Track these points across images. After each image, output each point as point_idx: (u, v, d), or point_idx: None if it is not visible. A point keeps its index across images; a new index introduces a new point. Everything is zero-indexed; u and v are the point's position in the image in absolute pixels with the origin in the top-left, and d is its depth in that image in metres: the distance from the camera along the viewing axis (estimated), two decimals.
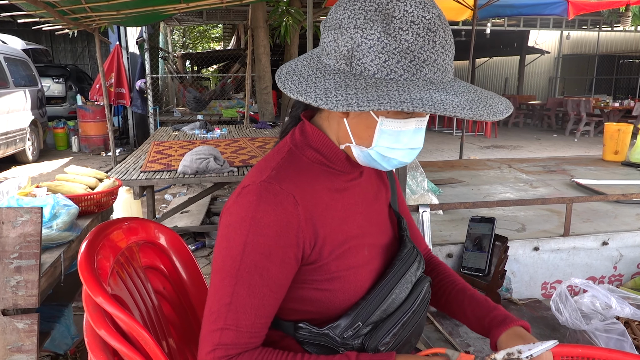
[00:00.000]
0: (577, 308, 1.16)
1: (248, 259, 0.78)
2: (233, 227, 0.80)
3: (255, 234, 0.78)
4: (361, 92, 0.72)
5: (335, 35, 0.77)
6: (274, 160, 0.85)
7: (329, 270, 0.84)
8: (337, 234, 0.85)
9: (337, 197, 0.88)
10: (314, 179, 0.86)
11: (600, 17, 11.28)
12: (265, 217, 0.78)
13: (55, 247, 2.03)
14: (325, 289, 0.85)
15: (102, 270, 0.91)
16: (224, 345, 0.78)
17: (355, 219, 0.90)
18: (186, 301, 1.24)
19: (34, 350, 1.58)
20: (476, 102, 0.75)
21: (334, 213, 0.86)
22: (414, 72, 0.74)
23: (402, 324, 0.88)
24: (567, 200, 1.49)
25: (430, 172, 2.43)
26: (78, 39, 15.85)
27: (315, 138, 0.87)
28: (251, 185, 0.81)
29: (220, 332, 0.78)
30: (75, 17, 4.76)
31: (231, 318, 0.78)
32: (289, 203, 0.79)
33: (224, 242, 0.81)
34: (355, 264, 0.87)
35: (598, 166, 2.78)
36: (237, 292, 0.78)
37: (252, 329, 0.80)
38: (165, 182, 3.55)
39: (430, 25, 0.74)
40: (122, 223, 1.07)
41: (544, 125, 13.11)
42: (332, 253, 0.84)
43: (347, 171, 0.90)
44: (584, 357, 0.98)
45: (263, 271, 0.79)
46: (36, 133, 8.15)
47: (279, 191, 0.79)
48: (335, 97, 0.73)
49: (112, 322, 0.83)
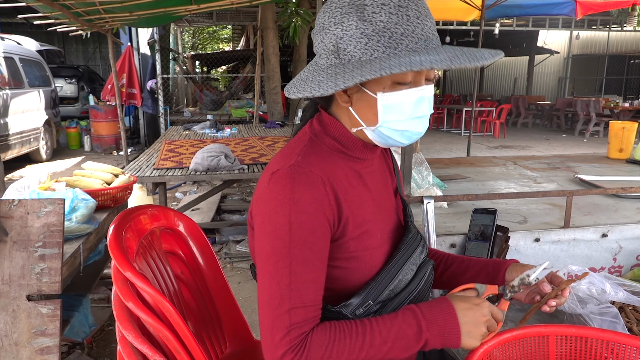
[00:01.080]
0: (574, 293, 1.22)
1: (296, 237, 0.82)
2: (274, 211, 0.83)
3: (297, 212, 0.82)
4: (348, 74, 0.80)
5: (322, 37, 0.87)
6: (297, 148, 0.92)
7: (348, 249, 0.91)
8: (356, 216, 0.92)
9: (355, 183, 0.95)
10: (334, 164, 0.92)
11: (609, 17, 11.24)
12: (302, 196, 0.83)
13: (74, 239, 2.12)
14: (344, 267, 0.91)
15: (129, 249, 0.98)
16: (297, 324, 0.81)
17: (369, 205, 0.96)
18: (203, 286, 1.31)
19: (57, 334, 1.66)
20: (459, 56, 0.80)
21: (353, 197, 0.93)
22: (395, 46, 0.82)
23: (408, 302, 0.95)
24: (568, 193, 1.54)
25: (436, 169, 2.49)
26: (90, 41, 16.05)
27: (332, 127, 0.94)
28: (281, 170, 0.86)
29: (289, 314, 0.81)
30: (89, 18, 4.87)
31: (295, 297, 0.81)
32: (319, 184, 0.85)
33: (268, 226, 0.84)
34: (370, 245, 0.93)
35: (602, 163, 2.82)
36: (294, 270, 0.82)
37: (315, 302, 0.84)
38: (178, 179, 3.64)
39: (400, 2, 0.82)
40: (145, 209, 1.15)
41: (553, 126, 13.07)
42: (352, 233, 0.91)
43: (362, 158, 0.97)
44: (578, 336, 1.04)
45: (312, 245, 0.83)
46: (50, 132, 8.30)
47: (309, 173, 0.85)
48: (326, 84, 0.81)
49: (138, 296, 0.91)
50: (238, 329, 1.34)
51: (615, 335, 1.02)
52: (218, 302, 1.32)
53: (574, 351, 1.04)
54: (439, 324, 0.86)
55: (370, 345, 0.83)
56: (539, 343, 1.04)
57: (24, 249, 1.68)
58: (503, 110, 11.02)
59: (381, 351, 0.83)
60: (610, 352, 1.03)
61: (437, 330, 0.85)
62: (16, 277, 1.66)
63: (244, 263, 3.82)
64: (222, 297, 1.32)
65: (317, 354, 0.81)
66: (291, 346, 0.80)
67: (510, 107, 11.83)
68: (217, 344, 1.32)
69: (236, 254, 3.94)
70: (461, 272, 1.10)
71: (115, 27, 5.97)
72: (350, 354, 0.82)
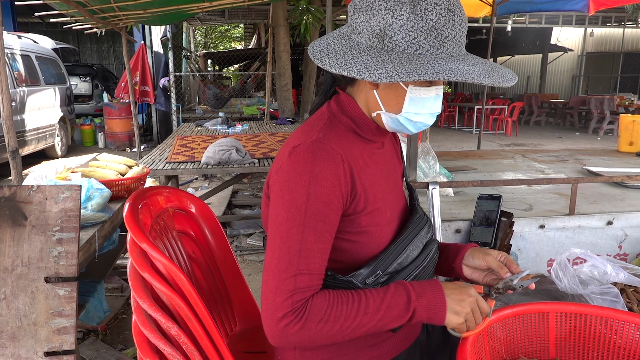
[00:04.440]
0: (576, 275, 1.24)
1: (312, 208, 0.86)
2: (294, 181, 0.87)
3: (316, 185, 0.87)
4: (398, 66, 0.83)
5: (368, 16, 0.87)
6: (317, 125, 0.96)
7: (359, 224, 0.95)
8: (368, 194, 0.96)
9: (369, 162, 0.99)
10: (351, 143, 0.97)
11: (624, 14, 11.10)
12: (322, 171, 0.87)
13: (89, 226, 2.19)
14: (354, 241, 0.96)
15: (145, 224, 1.03)
16: (301, 289, 0.85)
17: (381, 184, 1.01)
18: (213, 265, 1.36)
19: (73, 315, 1.72)
20: (490, 71, 0.87)
21: (367, 175, 0.97)
22: (438, 47, 0.86)
23: (413, 276, 0.99)
24: (573, 180, 1.56)
25: (444, 161, 2.51)
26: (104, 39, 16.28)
27: (350, 108, 0.98)
28: (302, 144, 0.90)
29: (295, 278, 0.85)
30: (104, 16, 4.96)
31: (303, 263, 0.86)
32: (339, 160, 0.90)
33: (287, 194, 0.88)
34: (380, 222, 0.98)
35: (612, 157, 2.82)
36: (306, 238, 0.86)
37: (319, 271, 0.88)
38: (189, 172, 3.70)
39: (449, 6, 0.85)
40: (160, 189, 1.20)
41: (567, 124, 12.93)
42: (364, 209, 0.95)
43: (374, 140, 1.01)
44: (577, 313, 1.06)
45: (325, 218, 0.88)
46: (65, 129, 8.45)
47: (330, 150, 0.90)
48: (377, 70, 0.84)
49: (153, 267, 0.95)
50: (247, 308, 1.39)
51: (614, 313, 1.04)
52: (228, 282, 1.36)
53: (573, 328, 1.07)
54: (427, 297, 0.90)
55: (364, 313, 0.87)
56: (539, 320, 1.07)
57: (42, 232, 1.74)
58: (515, 108, 10.95)
59: (374, 319, 0.88)
60: (609, 330, 1.05)
61: (425, 302, 0.90)
62: (35, 260, 1.72)
63: (255, 256, 3.87)
64: (232, 276, 1.37)
65: (316, 318, 0.85)
66: (292, 309, 0.85)
67: (522, 105, 11.74)
68: (227, 321, 1.37)
69: (247, 247, 4.00)
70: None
71: (129, 25, 6.06)
72: (346, 319, 0.86)
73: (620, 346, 1.03)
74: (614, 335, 1.04)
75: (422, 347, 1.11)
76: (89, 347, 2.50)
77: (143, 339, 0.96)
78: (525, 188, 1.96)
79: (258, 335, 1.35)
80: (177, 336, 0.92)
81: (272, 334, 0.86)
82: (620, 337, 1.03)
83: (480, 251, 1.08)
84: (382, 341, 1.01)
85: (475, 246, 1.12)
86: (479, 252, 1.08)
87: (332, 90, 1.04)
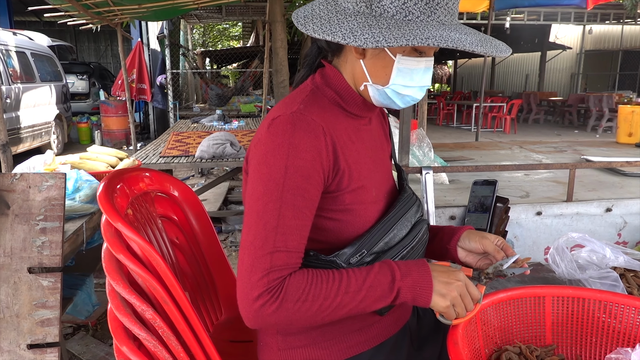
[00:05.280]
0: (574, 260, 1.20)
1: (290, 181, 0.81)
2: (272, 154, 0.82)
3: (295, 158, 0.82)
4: (386, 31, 0.79)
5: None
6: (299, 97, 0.91)
7: (343, 202, 0.90)
8: (352, 170, 0.91)
9: (354, 138, 0.94)
10: (335, 117, 0.92)
11: (623, 11, 11.05)
12: (302, 143, 0.82)
13: (78, 218, 2.14)
14: (338, 219, 0.90)
15: (120, 206, 0.98)
16: (277, 267, 0.80)
17: (366, 162, 0.96)
18: (198, 252, 1.31)
19: (57, 306, 1.68)
20: (483, 41, 0.82)
21: (351, 151, 0.92)
22: (429, 13, 0.81)
23: (401, 257, 0.94)
24: (570, 165, 1.51)
25: (440, 152, 2.47)
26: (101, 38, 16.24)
27: (335, 80, 0.93)
28: (282, 116, 0.85)
29: (271, 256, 0.80)
30: (98, 11, 4.91)
31: (280, 240, 0.81)
32: (320, 132, 0.85)
33: (264, 167, 0.83)
34: (365, 200, 0.93)
35: (611, 148, 2.78)
36: (283, 214, 0.81)
37: (298, 249, 0.83)
38: (183, 167, 3.65)
39: None
40: (140, 171, 1.15)
41: (565, 122, 12.89)
42: (348, 186, 0.90)
43: (360, 115, 0.96)
44: (574, 297, 1.02)
45: (305, 193, 0.83)
46: (61, 127, 8.40)
47: (311, 121, 0.85)
48: (363, 35, 0.79)
49: (128, 249, 0.90)
50: (233, 296, 1.33)
51: (612, 296, 1.00)
52: (213, 269, 1.32)
53: (570, 312, 1.02)
54: (412, 277, 0.85)
55: (345, 292, 0.82)
56: (534, 304, 1.03)
57: (25, 222, 1.70)
58: (514, 106, 10.91)
59: (355, 299, 0.83)
60: (607, 314, 1.01)
61: (410, 283, 0.85)
62: (17, 250, 1.67)
63: None
64: (218, 263, 1.32)
65: (294, 297, 0.80)
66: (268, 288, 0.80)
67: (521, 103, 11.70)
68: (212, 310, 1.32)
69: None
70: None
71: (124, 21, 6.02)
72: (326, 299, 0.81)
73: (619, 331, 0.98)
74: (612, 320, 1.00)
75: (411, 332, 1.06)
76: (78, 342, 2.45)
77: (118, 324, 0.91)
78: (522, 176, 1.92)
79: (243, 324, 1.30)
80: (153, 320, 0.87)
81: (247, 314, 0.81)
82: (620, 321, 0.99)
83: (476, 234, 1.03)
84: (368, 325, 0.96)
85: (472, 229, 1.07)
86: (475, 234, 1.03)
87: (317, 62, 0.99)
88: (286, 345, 0.94)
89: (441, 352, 1.06)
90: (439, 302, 0.85)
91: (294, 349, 0.94)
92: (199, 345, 0.92)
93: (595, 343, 1.00)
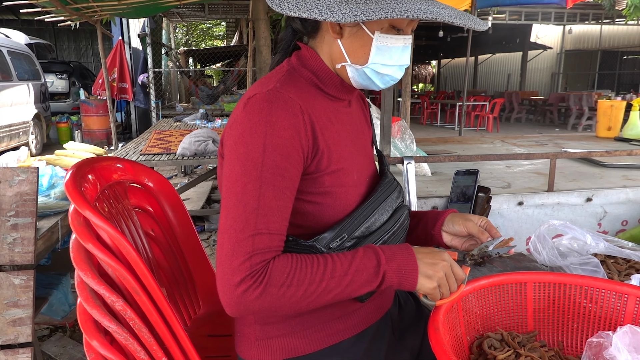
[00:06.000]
0: (555, 247, 1.19)
1: (269, 160, 0.78)
2: (249, 132, 0.79)
3: (273, 136, 0.79)
4: (363, 5, 0.77)
5: None
6: (275, 77, 0.88)
7: (323, 184, 0.87)
8: (332, 152, 0.88)
9: (333, 120, 0.92)
10: (313, 97, 0.89)
11: (601, 11, 11.25)
12: (279, 120, 0.79)
13: (52, 215, 2.08)
14: (318, 202, 0.88)
15: (89, 195, 0.94)
16: (260, 250, 0.77)
17: (347, 144, 0.94)
18: (175, 244, 1.27)
19: (30, 305, 1.62)
20: (461, 15, 0.82)
21: (331, 133, 0.90)
22: None
23: (382, 242, 0.92)
24: (551, 155, 1.51)
25: (423, 146, 2.46)
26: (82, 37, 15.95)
27: (312, 61, 0.91)
28: (259, 94, 0.82)
29: (253, 239, 0.77)
30: (77, 7, 4.81)
31: (262, 222, 0.77)
32: (298, 111, 0.82)
33: (241, 147, 0.79)
34: (346, 183, 0.91)
35: (591, 141, 2.81)
36: (264, 194, 0.78)
37: (280, 231, 0.80)
38: (165, 164, 3.59)
39: None
40: (112, 160, 1.11)
41: (547, 121, 13.08)
42: (328, 167, 0.87)
43: (338, 96, 0.94)
44: (555, 282, 1.01)
45: (284, 172, 0.80)
46: (39, 127, 8.22)
47: (288, 99, 0.82)
48: (340, 10, 0.77)
49: (98, 238, 0.87)
50: (211, 290, 1.31)
51: (592, 281, 0.99)
52: (191, 262, 1.28)
53: (551, 298, 1.01)
54: (398, 260, 0.83)
55: (330, 277, 0.80)
56: (516, 290, 1.02)
57: None
58: (496, 105, 11.03)
59: (341, 283, 0.80)
60: (588, 300, 1.00)
61: (395, 266, 0.83)
62: None
63: None
64: (195, 256, 1.29)
65: (278, 282, 0.77)
66: (251, 272, 0.76)
67: (503, 102, 11.84)
68: (190, 304, 1.29)
69: None
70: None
71: (104, 18, 5.91)
72: (311, 284, 0.79)
73: (600, 316, 0.98)
74: (593, 306, 0.99)
75: (393, 320, 1.04)
76: (55, 344, 2.38)
77: (87, 317, 0.88)
78: (504, 168, 1.92)
79: (223, 318, 1.27)
80: (123, 311, 0.84)
81: (228, 301, 0.76)
82: (601, 306, 0.98)
83: (460, 217, 1.02)
84: (349, 313, 0.94)
85: (455, 212, 1.06)
86: (459, 217, 1.02)
87: (293, 45, 0.96)
88: (264, 335, 0.91)
89: (423, 341, 1.04)
90: (425, 284, 0.83)
91: (272, 339, 0.91)
92: (173, 337, 0.88)
93: (577, 328, 0.99)
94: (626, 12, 9.26)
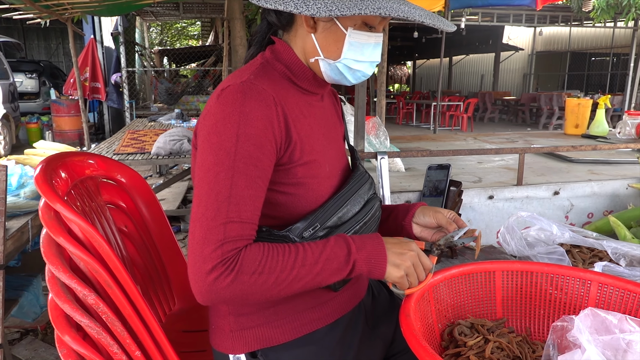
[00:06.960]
0: (523, 238, 1.23)
1: (242, 150, 0.79)
2: (222, 123, 0.80)
3: (246, 126, 0.80)
4: (338, 1, 0.79)
5: None
6: (249, 70, 0.89)
7: (295, 175, 0.89)
8: (304, 144, 0.90)
9: (306, 113, 0.93)
10: (286, 90, 0.90)
11: (570, 14, 11.58)
12: (253, 111, 0.81)
13: (22, 215, 2.03)
14: (290, 193, 0.89)
15: (60, 189, 0.93)
16: (231, 238, 0.77)
17: (319, 137, 0.95)
18: (149, 240, 1.26)
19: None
20: (431, 16, 0.85)
21: (303, 125, 0.91)
22: None
23: (354, 232, 0.94)
24: (520, 150, 1.56)
25: (398, 143, 2.50)
26: (52, 36, 15.56)
27: (285, 54, 0.92)
28: (232, 85, 0.83)
29: (224, 227, 0.77)
30: (47, 4, 4.69)
31: (233, 211, 0.78)
32: (271, 102, 0.83)
33: (214, 137, 0.80)
34: (318, 174, 0.92)
35: (559, 138, 2.89)
36: (236, 183, 0.78)
37: (252, 220, 0.81)
38: (139, 164, 3.54)
39: None
40: (83, 155, 1.10)
41: (519, 120, 13.39)
42: (300, 159, 0.89)
43: (311, 90, 0.96)
44: (522, 271, 1.04)
45: (257, 162, 0.81)
46: (8, 127, 7.98)
47: (262, 91, 0.83)
48: (315, 4, 0.78)
49: (69, 232, 0.86)
50: (186, 286, 1.30)
51: (557, 268, 1.03)
52: (165, 258, 1.27)
53: (519, 286, 1.05)
54: (367, 250, 0.85)
55: (302, 265, 0.81)
56: (485, 279, 1.05)
57: None
58: (470, 105, 11.24)
59: (312, 271, 0.82)
60: (554, 288, 1.04)
61: (365, 255, 0.85)
62: None
63: None
64: (170, 252, 1.28)
65: (249, 269, 0.78)
66: (223, 259, 0.76)
67: (477, 102, 12.08)
68: (164, 300, 1.28)
69: None
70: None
71: (76, 16, 5.78)
72: (282, 271, 0.80)
73: (564, 302, 1.02)
74: (559, 293, 1.03)
75: (366, 310, 1.06)
76: (26, 347, 2.33)
77: (59, 312, 0.87)
78: (475, 163, 1.97)
79: (198, 313, 1.27)
80: (96, 305, 0.83)
81: (200, 289, 0.77)
82: (565, 293, 1.02)
83: (430, 209, 1.06)
84: (322, 303, 0.96)
85: (425, 205, 1.09)
86: (429, 209, 1.05)
87: (267, 39, 0.97)
88: (238, 326, 0.92)
89: (395, 331, 1.07)
90: (393, 273, 0.85)
91: (246, 330, 0.92)
92: (147, 330, 0.88)
93: (543, 315, 1.03)
94: (593, 15, 9.56)
